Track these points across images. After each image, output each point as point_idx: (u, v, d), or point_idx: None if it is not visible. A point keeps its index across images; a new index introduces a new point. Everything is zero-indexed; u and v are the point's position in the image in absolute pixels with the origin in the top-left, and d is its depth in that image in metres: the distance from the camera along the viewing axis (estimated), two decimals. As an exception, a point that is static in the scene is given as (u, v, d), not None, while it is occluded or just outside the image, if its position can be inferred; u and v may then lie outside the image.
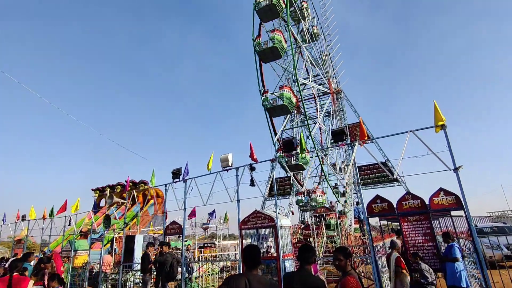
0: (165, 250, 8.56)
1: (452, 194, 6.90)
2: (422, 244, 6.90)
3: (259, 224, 9.17)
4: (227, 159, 10.12)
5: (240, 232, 9.43)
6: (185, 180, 11.27)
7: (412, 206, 7.21)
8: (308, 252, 3.11)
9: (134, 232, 17.85)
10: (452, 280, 6.21)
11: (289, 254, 9.46)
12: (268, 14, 17.98)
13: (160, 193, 24.18)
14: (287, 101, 16.40)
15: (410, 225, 7.15)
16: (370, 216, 7.66)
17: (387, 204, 7.52)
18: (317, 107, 21.55)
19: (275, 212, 9.06)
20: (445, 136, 7.32)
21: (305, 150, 8.88)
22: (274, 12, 17.81)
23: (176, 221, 11.78)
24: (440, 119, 7.40)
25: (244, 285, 2.73)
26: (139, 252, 13.83)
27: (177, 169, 11.45)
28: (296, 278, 2.97)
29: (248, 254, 2.92)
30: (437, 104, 7.57)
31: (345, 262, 3.05)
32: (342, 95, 26.79)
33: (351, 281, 2.85)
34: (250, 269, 2.87)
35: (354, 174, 17.73)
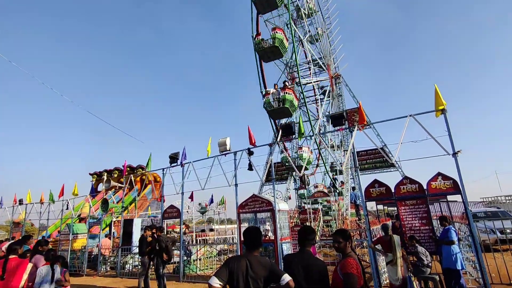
0: (159, 234, 8.62)
1: (450, 179, 6.92)
2: (418, 228, 6.97)
3: (257, 208, 9.22)
4: (225, 143, 10.06)
5: (238, 216, 9.49)
6: (183, 165, 11.23)
7: (410, 190, 7.24)
8: (309, 234, 3.10)
9: (132, 216, 17.96)
10: (448, 262, 6.29)
11: (287, 238, 9.56)
12: (265, 5, 17.31)
13: (158, 178, 24.20)
14: (289, 104, 16.12)
15: (407, 209, 7.20)
16: (368, 200, 7.70)
17: (385, 188, 7.55)
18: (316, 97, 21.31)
19: (273, 197, 9.09)
20: (445, 120, 7.28)
21: (303, 134, 8.80)
22: (272, 4, 17.13)
23: (174, 205, 11.83)
24: (440, 103, 7.33)
25: (245, 266, 2.72)
26: (137, 235, 13.94)
27: (174, 153, 11.39)
28: (298, 259, 2.96)
29: (249, 236, 2.90)
30: (438, 88, 7.48)
31: (344, 244, 3.04)
32: (341, 80, 26.60)
33: (351, 263, 2.85)
34: (250, 251, 2.86)
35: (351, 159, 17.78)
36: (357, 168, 8.13)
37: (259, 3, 17.47)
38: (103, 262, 13.47)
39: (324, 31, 24.59)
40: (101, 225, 14.19)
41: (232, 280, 2.70)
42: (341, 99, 26.38)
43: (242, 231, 3.06)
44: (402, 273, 5.61)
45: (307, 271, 2.86)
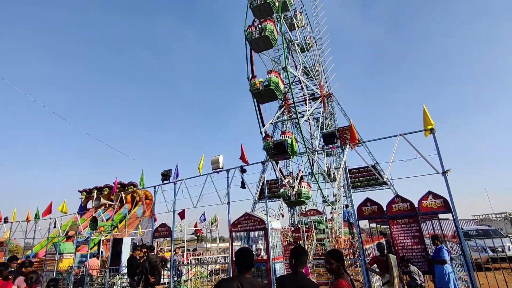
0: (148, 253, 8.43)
1: (441, 197, 7.00)
2: (411, 247, 6.96)
3: (250, 226, 9.11)
4: (218, 161, 10.05)
5: (231, 234, 9.35)
6: (175, 182, 11.13)
7: (401, 209, 7.28)
8: (303, 254, 3.08)
9: (122, 234, 17.52)
10: (440, 282, 6.27)
11: (279, 257, 9.42)
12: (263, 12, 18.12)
13: (149, 195, 23.83)
14: (274, 85, 16.44)
15: (399, 228, 7.21)
16: (361, 219, 7.70)
17: (377, 207, 7.57)
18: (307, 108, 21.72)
19: (266, 215, 9.02)
20: (434, 140, 7.44)
21: (296, 152, 8.87)
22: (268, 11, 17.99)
23: (166, 223, 11.61)
24: (429, 123, 7.52)
25: (236, 287, 2.68)
26: (126, 255, 13.56)
27: (166, 170, 11.30)
28: (293, 280, 2.92)
29: (241, 256, 2.87)
30: (426, 108, 7.69)
31: (336, 266, 3.03)
32: (333, 99, 27.08)
33: (343, 284, 2.83)
34: (242, 272, 2.83)
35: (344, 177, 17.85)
36: (349, 186, 8.17)
37: (255, 43, 18.21)
38: (90, 283, 12.99)
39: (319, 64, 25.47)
40: (89, 244, 13.78)
41: None
42: (333, 117, 26.78)
43: (234, 250, 3.02)
44: (397, 294, 5.56)
45: None
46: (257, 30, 17.72)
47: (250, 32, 17.79)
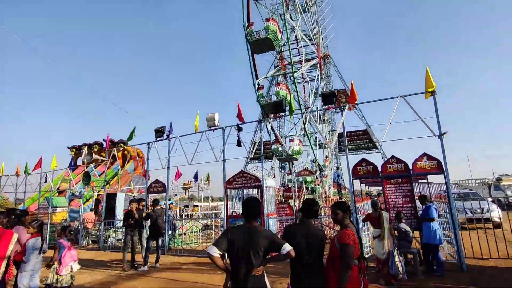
0: (151, 207, 8.56)
1: (435, 159, 7.14)
2: (402, 205, 7.24)
3: (245, 184, 9.24)
4: (214, 119, 9.87)
5: (226, 191, 9.49)
6: (169, 139, 10.98)
7: (395, 169, 7.44)
8: (314, 205, 3.09)
9: (114, 190, 17.66)
10: (427, 238, 6.61)
11: (273, 213, 9.72)
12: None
13: (140, 153, 23.71)
14: (272, 34, 15.74)
15: (392, 188, 7.43)
16: (355, 178, 7.86)
17: (372, 167, 7.71)
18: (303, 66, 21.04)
19: (261, 173, 9.12)
20: (434, 102, 7.41)
21: (294, 112, 8.74)
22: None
23: (159, 179, 11.67)
24: (430, 85, 7.42)
25: (245, 235, 2.69)
26: (120, 210, 13.78)
27: (160, 127, 11.09)
28: (300, 229, 2.96)
29: (249, 205, 2.85)
30: (429, 70, 7.54)
31: (342, 216, 3.06)
32: (330, 60, 26.45)
33: (348, 233, 2.88)
34: (250, 221, 2.83)
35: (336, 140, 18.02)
36: (345, 147, 8.21)
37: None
38: (85, 236, 13.30)
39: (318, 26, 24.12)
40: (82, 199, 13.87)
41: (231, 250, 2.67)
42: (329, 79, 26.37)
43: (244, 199, 3.00)
44: (388, 247, 5.85)
45: (308, 241, 2.87)
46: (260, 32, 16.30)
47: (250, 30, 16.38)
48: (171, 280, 6.86)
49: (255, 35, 16.30)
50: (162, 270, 7.95)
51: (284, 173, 22.21)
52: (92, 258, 10.08)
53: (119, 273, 7.80)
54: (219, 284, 6.03)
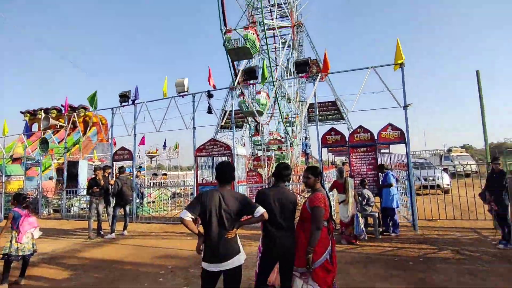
0: (117, 175, 8.25)
1: (399, 129, 7.50)
2: (366, 173, 7.63)
3: (215, 152, 9.16)
4: (183, 84, 9.44)
5: (196, 159, 9.37)
6: (135, 104, 10.42)
7: (362, 138, 7.73)
8: (286, 170, 3.12)
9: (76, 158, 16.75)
10: (386, 202, 7.11)
11: (243, 181, 9.85)
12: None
13: (103, 120, 22.42)
14: (251, 44, 15.11)
15: (358, 156, 7.76)
16: (324, 146, 8.08)
17: (340, 136, 7.95)
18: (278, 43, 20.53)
19: (232, 141, 9.07)
20: (401, 74, 7.62)
21: (267, 79, 8.59)
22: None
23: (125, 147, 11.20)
24: (400, 57, 7.58)
25: (218, 199, 2.67)
26: (83, 178, 13.20)
27: (125, 91, 10.43)
28: (273, 193, 2.99)
29: (222, 169, 2.81)
30: (399, 42, 7.67)
31: (313, 180, 3.14)
32: (303, 29, 25.99)
33: (319, 197, 2.98)
34: (223, 185, 2.80)
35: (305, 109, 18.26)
36: (316, 116, 8.32)
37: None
38: (45, 205, 12.68)
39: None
40: (40, 167, 13.04)
41: (204, 214, 2.65)
42: (301, 49, 26.09)
43: (217, 164, 2.94)
44: (352, 211, 6.21)
45: (281, 204, 2.93)
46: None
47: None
48: (140, 246, 6.83)
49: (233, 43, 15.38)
50: (130, 237, 7.88)
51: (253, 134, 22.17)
52: (54, 227, 9.71)
53: (84, 241, 7.61)
54: (189, 249, 6.12)
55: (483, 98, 7.47)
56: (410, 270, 4.64)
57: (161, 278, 4.70)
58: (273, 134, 19.67)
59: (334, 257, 3.04)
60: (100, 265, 5.49)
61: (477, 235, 6.74)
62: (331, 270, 2.92)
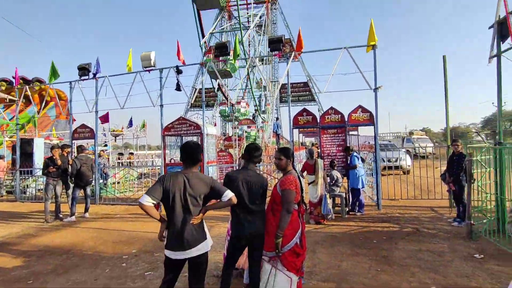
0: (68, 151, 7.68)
1: (368, 112, 7.60)
2: (335, 154, 7.74)
3: (184, 131, 8.80)
4: (149, 58, 8.82)
5: (163, 138, 8.96)
6: (97, 78, 9.62)
7: (333, 120, 7.77)
8: (256, 150, 2.95)
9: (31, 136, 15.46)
10: (352, 183, 7.31)
11: (213, 161, 9.64)
12: None
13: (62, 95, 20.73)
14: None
15: (328, 137, 7.82)
16: (295, 127, 8.03)
17: (311, 117, 7.92)
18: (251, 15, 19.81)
19: (202, 120, 8.74)
20: (373, 56, 7.63)
21: (239, 55, 8.24)
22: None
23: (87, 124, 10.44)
24: (372, 39, 7.56)
25: (183, 182, 2.47)
26: (40, 157, 12.25)
27: (85, 64, 9.56)
28: (243, 175, 2.84)
29: (188, 150, 2.58)
30: (373, 24, 7.62)
31: (285, 162, 3.03)
32: (277, 6, 25.26)
33: (290, 179, 2.87)
34: (189, 167, 2.59)
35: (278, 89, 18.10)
36: (289, 96, 8.20)
37: None
38: (-4, 186, 11.68)
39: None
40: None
41: (167, 198, 2.44)
42: (275, 27, 25.48)
43: (183, 144, 2.70)
44: (321, 192, 6.28)
45: (250, 187, 2.79)
46: None
47: None
48: (102, 229, 6.47)
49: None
50: (92, 220, 7.47)
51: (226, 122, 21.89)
52: (7, 210, 8.98)
53: (41, 224, 7.09)
54: (154, 231, 5.87)
55: (448, 83, 7.73)
56: (374, 248, 4.81)
57: (124, 263, 4.47)
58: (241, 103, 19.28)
59: (304, 240, 3.00)
60: (57, 251, 5.13)
61: (434, 213, 7.16)
62: (300, 254, 2.87)
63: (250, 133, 17.44)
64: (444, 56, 7.75)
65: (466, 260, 4.18)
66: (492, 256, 4.31)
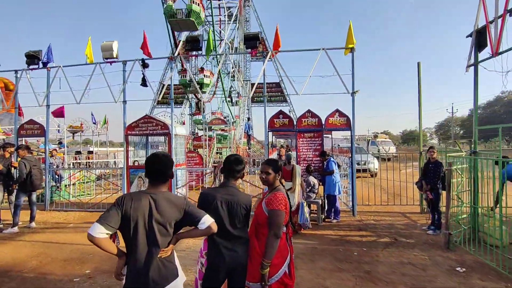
0: (22, 154, 6.58)
1: (345, 116, 7.42)
2: (311, 159, 7.47)
3: (150, 130, 8.06)
4: (111, 48, 7.95)
5: (126, 138, 8.13)
6: (49, 68, 8.52)
7: (310, 123, 7.49)
8: (239, 164, 2.47)
9: (-31, 130, 13.57)
10: (328, 189, 7.08)
11: (182, 164, 8.97)
12: None
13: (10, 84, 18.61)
14: (195, 16, 13.45)
15: (304, 141, 7.53)
16: (271, 130, 7.65)
17: (288, 120, 7.60)
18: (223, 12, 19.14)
19: (171, 119, 8.05)
20: (351, 59, 7.47)
21: (212, 50, 7.68)
22: None
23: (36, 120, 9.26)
24: (351, 41, 7.39)
25: (148, 206, 1.93)
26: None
27: (35, 51, 8.42)
28: (223, 195, 2.34)
29: (155, 164, 2.04)
30: (352, 26, 7.46)
31: (273, 177, 2.59)
32: (250, 3, 24.74)
33: (279, 198, 2.44)
34: (156, 185, 2.05)
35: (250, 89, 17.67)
36: (264, 97, 7.80)
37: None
38: None
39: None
40: None
41: (127, 227, 1.89)
42: (248, 25, 24.99)
43: (149, 156, 2.13)
44: (298, 200, 5.95)
45: (231, 209, 2.31)
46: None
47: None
48: (51, 243, 5.61)
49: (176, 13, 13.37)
50: (39, 231, 6.51)
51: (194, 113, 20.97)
52: None
53: (-26, 237, 6.03)
54: (115, 245, 5.22)
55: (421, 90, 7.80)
56: (356, 262, 4.55)
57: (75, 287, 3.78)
58: (215, 114, 18.74)
59: (292, 267, 2.58)
60: (-10, 273, 4.27)
61: (407, 219, 7.16)
62: (289, 285, 2.46)
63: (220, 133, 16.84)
64: (418, 63, 7.80)
65: (450, 275, 4.05)
66: (474, 269, 4.23)
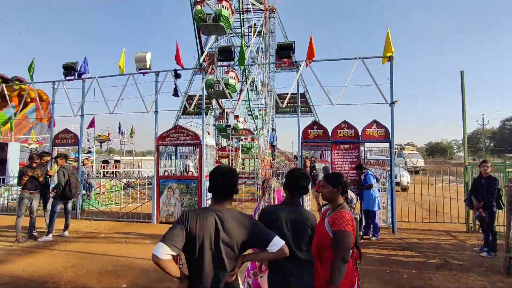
0: (61, 163, 6.69)
1: (384, 127, 7.06)
2: (347, 172, 7.12)
3: (181, 141, 8.02)
4: (145, 59, 8.07)
5: (157, 148, 8.13)
6: (84, 79, 8.74)
7: (346, 135, 7.19)
8: (305, 179, 2.25)
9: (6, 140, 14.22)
10: (367, 204, 6.67)
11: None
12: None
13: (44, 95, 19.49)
14: (224, 21, 13.60)
15: (340, 153, 7.21)
16: (304, 141, 7.39)
17: (322, 131, 7.31)
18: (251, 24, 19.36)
19: (202, 129, 7.99)
20: (390, 68, 7.16)
21: (245, 60, 7.60)
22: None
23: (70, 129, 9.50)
24: (389, 50, 7.10)
25: (214, 225, 1.73)
26: (15, 163, 11.09)
27: (72, 62, 8.69)
28: (288, 213, 2.13)
29: (221, 178, 1.85)
30: (390, 34, 7.18)
31: (330, 191, 2.30)
32: (276, 15, 24.93)
33: (346, 217, 2.17)
34: (221, 201, 1.85)
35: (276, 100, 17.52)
36: (298, 107, 7.61)
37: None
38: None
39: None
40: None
41: (191, 248, 1.70)
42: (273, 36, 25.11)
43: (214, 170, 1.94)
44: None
45: (297, 229, 2.08)
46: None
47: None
48: (84, 253, 5.55)
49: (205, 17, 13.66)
50: (72, 240, 6.50)
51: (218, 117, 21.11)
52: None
53: (10, 245, 6.08)
54: (145, 257, 5.08)
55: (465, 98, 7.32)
56: (408, 285, 4.15)
57: (113, 304, 3.63)
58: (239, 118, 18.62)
59: (361, 296, 2.29)
60: (27, 284, 4.21)
61: (454, 239, 6.61)
62: (359, 315, 2.17)
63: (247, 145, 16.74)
64: (462, 72, 7.36)
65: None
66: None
